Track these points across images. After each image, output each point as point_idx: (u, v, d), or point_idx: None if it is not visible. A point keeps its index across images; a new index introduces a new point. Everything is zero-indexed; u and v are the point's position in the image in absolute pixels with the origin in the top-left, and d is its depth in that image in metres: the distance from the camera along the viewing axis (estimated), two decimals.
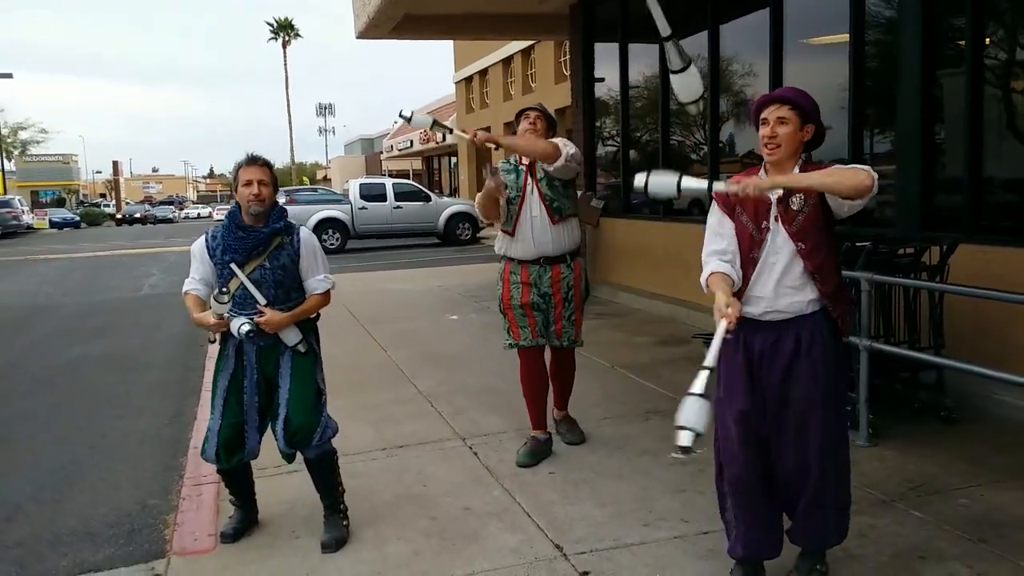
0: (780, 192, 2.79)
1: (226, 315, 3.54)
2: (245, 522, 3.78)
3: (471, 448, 4.73)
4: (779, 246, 2.82)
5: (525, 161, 4.42)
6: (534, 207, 4.36)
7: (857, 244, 4.65)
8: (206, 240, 3.60)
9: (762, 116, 2.84)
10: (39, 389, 6.97)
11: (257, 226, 3.52)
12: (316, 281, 3.65)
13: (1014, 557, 3.19)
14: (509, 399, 4.33)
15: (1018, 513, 3.60)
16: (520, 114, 4.51)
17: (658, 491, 4.00)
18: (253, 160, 3.53)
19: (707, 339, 6.42)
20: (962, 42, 5.41)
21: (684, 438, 2.39)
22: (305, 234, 3.68)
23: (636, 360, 6.72)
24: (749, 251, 2.87)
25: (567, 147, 4.28)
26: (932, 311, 4.86)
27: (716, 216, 2.97)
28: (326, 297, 3.68)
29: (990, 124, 5.33)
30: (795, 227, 2.80)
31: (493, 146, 4.32)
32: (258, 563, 3.46)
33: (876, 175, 2.67)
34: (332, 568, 3.38)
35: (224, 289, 3.52)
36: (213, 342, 3.66)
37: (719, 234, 2.93)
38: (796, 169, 2.82)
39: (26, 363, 8.12)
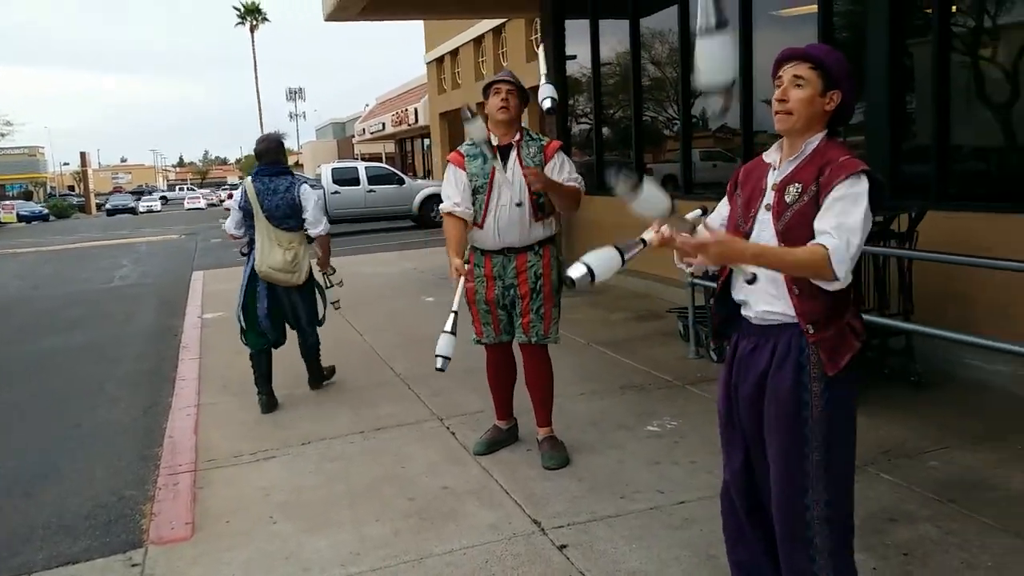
0: (780, 176, 2.28)
1: None
2: None
3: (449, 428, 4.74)
4: (766, 240, 2.27)
5: (495, 141, 3.97)
6: (503, 195, 3.94)
7: None
8: None
9: (777, 75, 2.29)
10: (11, 382, 6.89)
11: None
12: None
13: (981, 516, 3.26)
14: (486, 380, 4.33)
15: (985, 474, 3.66)
16: (489, 87, 3.99)
17: (634, 464, 4.04)
18: None
19: (681, 313, 6.50)
20: (929, 10, 5.44)
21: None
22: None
23: (612, 336, 6.75)
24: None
25: (581, 183, 4.09)
26: (901, 277, 4.91)
27: (722, 201, 2.53)
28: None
29: (957, 92, 5.37)
30: (782, 223, 2.24)
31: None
32: (236, 549, 3.45)
33: (846, 276, 2.12)
34: (311, 551, 3.38)
35: None
36: None
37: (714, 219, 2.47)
38: (814, 145, 2.26)
39: None
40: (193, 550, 3.49)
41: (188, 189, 73.72)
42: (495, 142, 3.99)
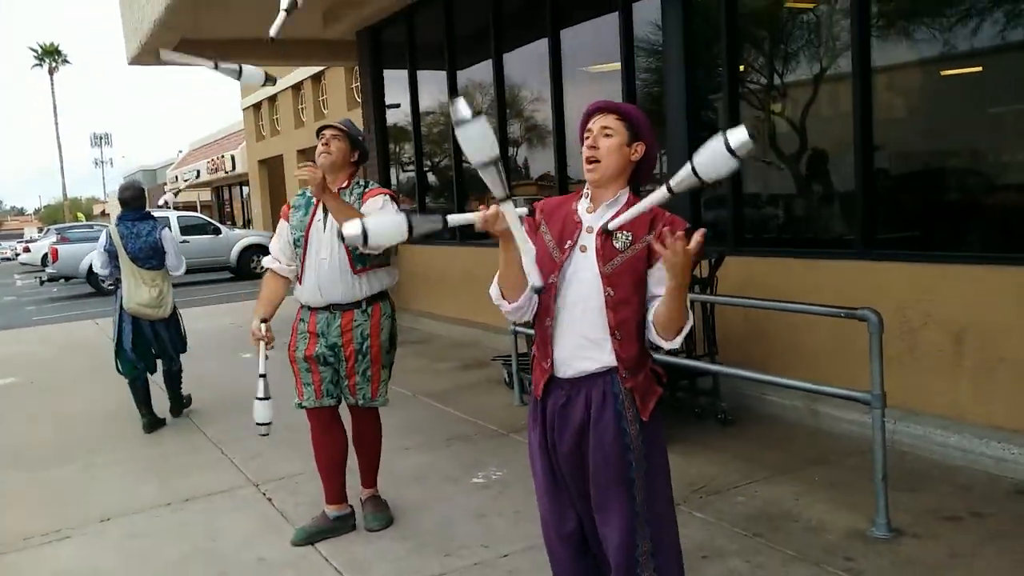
0: (601, 221, 2.33)
1: None
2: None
3: (265, 494, 4.51)
4: (584, 282, 2.32)
5: None
6: (323, 249, 3.71)
7: None
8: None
9: (586, 128, 2.40)
10: None
11: None
12: None
13: (784, 548, 3.45)
14: (307, 438, 4.09)
15: (787, 506, 3.89)
16: (319, 132, 3.83)
17: (459, 518, 3.99)
18: None
19: (505, 360, 6.56)
20: (720, 68, 5.87)
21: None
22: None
23: (438, 387, 6.71)
24: (547, 276, 2.34)
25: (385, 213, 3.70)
26: (705, 321, 5.19)
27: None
28: None
29: None
30: (611, 267, 2.30)
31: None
32: None
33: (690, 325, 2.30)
34: None
35: None
36: None
37: None
38: (623, 198, 2.38)
39: None
40: None
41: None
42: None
